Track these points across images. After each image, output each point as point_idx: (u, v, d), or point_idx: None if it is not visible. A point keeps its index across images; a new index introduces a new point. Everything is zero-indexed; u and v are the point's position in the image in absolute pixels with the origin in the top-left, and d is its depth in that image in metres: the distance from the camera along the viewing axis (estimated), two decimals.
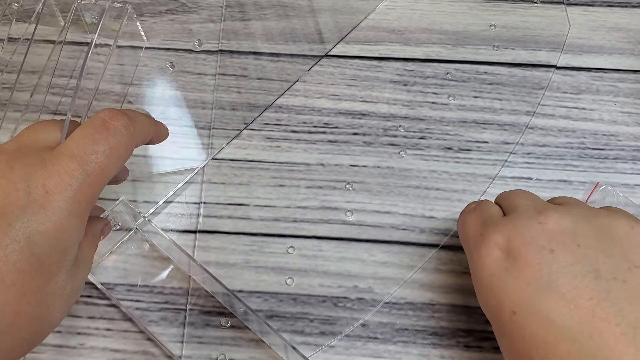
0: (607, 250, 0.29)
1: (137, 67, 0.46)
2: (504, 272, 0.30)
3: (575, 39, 0.47)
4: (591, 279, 0.28)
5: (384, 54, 0.47)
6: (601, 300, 0.27)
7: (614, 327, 0.26)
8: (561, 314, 0.27)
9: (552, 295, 0.28)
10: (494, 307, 0.30)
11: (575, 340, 0.27)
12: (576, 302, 0.27)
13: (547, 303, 0.28)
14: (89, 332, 0.37)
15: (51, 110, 0.44)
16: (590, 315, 0.27)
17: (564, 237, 0.29)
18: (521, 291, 0.29)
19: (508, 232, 0.30)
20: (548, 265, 0.29)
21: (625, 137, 0.43)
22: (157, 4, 0.49)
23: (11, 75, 0.44)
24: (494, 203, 0.35)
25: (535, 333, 0.28)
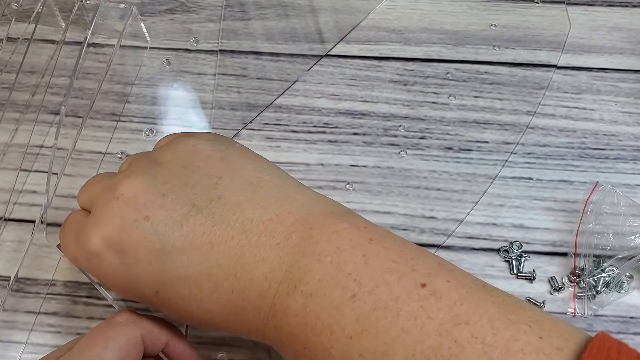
0: (189, 180, 0.29)
1: (139, 67, 0.46)
2: (122, 267, 0.29)
3: (576, 39, 0.47)
4: (194, 215, 0.28)
5: (384, 53, 0.47)
6: (211, 227, 0.28)
7: (230, 242, 0.28)
8: (189, 266, 0.28)
9: (174, 256, 0.28)
10: (141, 298, 0.30)
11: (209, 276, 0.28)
12: (194, 245, 0.28)
13: (174, 266, 0.28)
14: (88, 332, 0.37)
15: (51, 110, 0.44)
16: (210, 247, 0.28)
17: (146, 196, 0.29)
18: (148, 271, 0.28)
19: (100, 230, 0.29)
20: (153, 233, 0.28)
21: (626, 137, 0.43)
22: (157, 4, 0.49)
23: (10, 75, 0.44)
24: (78, 209, 0.33)
25: (181, 296, 0.28)
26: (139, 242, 0.28)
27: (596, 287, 0.37)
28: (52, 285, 0.38)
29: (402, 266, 0.26)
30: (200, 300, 0.28)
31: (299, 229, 0.28)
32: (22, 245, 0.39)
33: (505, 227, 0.40)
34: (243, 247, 0.28)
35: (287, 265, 0.27)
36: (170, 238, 0.28)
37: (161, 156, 0.31)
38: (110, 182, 0.30)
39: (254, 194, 0.29)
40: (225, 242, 0.28)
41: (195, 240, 0.28)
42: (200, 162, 0.30)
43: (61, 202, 0.40)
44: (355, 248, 0.27)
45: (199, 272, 0.28)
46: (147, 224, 0.28)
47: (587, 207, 0.39)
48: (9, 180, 0.41)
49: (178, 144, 0.31)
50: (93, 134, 0.43)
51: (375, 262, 0.27)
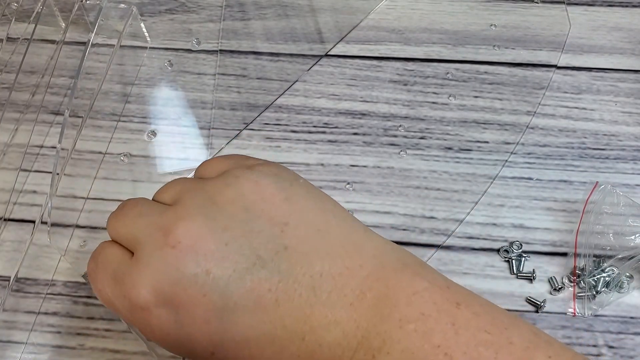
0: (253, 227, 0.26)
1: (139, 67, 0.46)
2: (176, 324, 0.25)
3: (576, 39, 0.47)
4: (259, 270, 0.25)
5: (384, 53, 0.47)
6: (278, 284, 0.25)
7: (297, 300, 0.25)
8: (252, 326, 0.25)
9: (236, 316, 0.25)
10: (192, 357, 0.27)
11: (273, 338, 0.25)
12: (259, 303, 0.25)
13: (236, 326, 0.25)
14: (88, 332, 0.37)
15: (51, 110, 0.44)
16: (276, 305, 0.25)
17: (206, 246, 0.25)
18: (206, 332, 0.25)
19: (150, 281, 0.25)
20: (214, 291, 0.25)
21: (626, 137, 0.43)
22: (157, 4, 0.49)
23: (10, 75, 0.44)
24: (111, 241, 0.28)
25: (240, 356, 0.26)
26: (198, 299, 0.25)
27: (596, 287, 0.37)
28: (52, 285, 0.38)
29: (496, 338, 0.23)
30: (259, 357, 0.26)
31: (373, 286, 0.25)
32: (22, 245, 0.39)
33: (505, 227, 0.40)
34: (312, 306, 0.25)
35: (363, 330, 0.24)
36: (234, 295, 0.25)
37: (219, 194, 0.27)
38: (160, 220, 0.26)
39: (322, 242, 0.26)
40: (292, 300, 0.25)
41: (260, 297, 0.25)
42: (264, 204, 0.26)
43: (61, 202, 0.40)
44: (442, 314, 0.24)
45: (261, 333, 0.25)
46: (207, 278, 0.25)
47: (587, 207, 0.39)
48: (9, 180, 0.41)
49: (239, 180, 0.27)
50: (93, 134, 0.43)
51: (467, 332, 0.23)
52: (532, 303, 0.38)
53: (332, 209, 0.28)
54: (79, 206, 0.40)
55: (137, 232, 0.27)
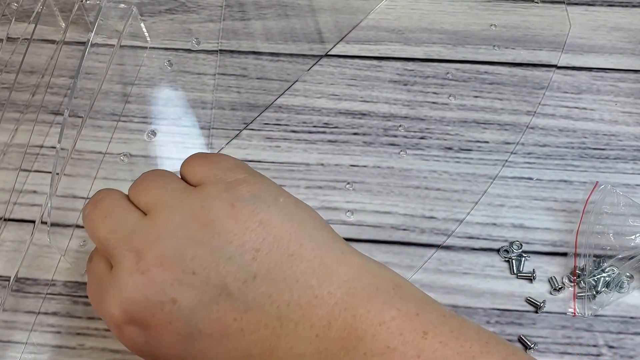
0: (223, 255, 0.26)
1: (139, 67, 0.46)
2: (146, 344, 0.26)
3: (576, 39, 0.47)
4: (224, 300, 0.25)
5: (384, 53, 0.47)
6: (243, 314, 0.25)
7: (263, 330, 0.25)
8: (219, 355, 0.25)
9: (201, 344, 0.25)
10: None
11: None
12: (224, 332, 0.25)
13: (202, 354, 0.26)
14: (88, 332, 0.37)
15: (51, 111, 0.44)
16: (241, 335, 0.25)
17: (174, 274, 0.25)
18: (173, 354, 0.26)
19: (121, 301, 0.26)
20: (179, 319, 0.25)
21: (626, 137, 0.43)
22: (157, 4, 0.49)
23: (10, 75, 0.44)
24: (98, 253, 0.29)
25: None
26: (164, 325, 0.26)
27: (596, 287, 0.37)
28: (52, 285, 0.38)
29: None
30: None
31: (340, 316, 0.25)
32: (22, 245, 0.39)
33: (505, 227, 0.40)
34: (278, 337, 0.25)
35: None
36: (199, 324, 0.25)
37: (193, 216, 0.27)
38: (133, 240, 0.26)
39: (293, 269, 0.26)
40: (258, 331, 0.25)
41: (225, 327, 0.25)
42: (237, 229, 0.26)
43: (61, 202, 0.40)
44: (407, 346, 0.24)
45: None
46: (173, 307, 0.25)
47: (587, 207, 0.39)
48: (9, 180, 0.41)
49: (215, 202, 0.27)
50: (93, 134, 0.43)
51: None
52: (532, 303, 0.38)
53: (310, 232, 0.27)
54: (79, 206, 0.40)
55: (112, 247, 0.27)
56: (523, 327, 0.37)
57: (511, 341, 0.37)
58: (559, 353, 0.36)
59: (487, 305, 0.38)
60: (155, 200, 0.28)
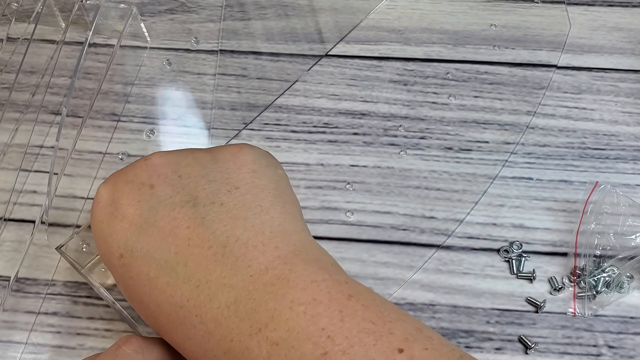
0: (209, 176, 0.29)
1: (139, 67, 0.46)
2: (110, 216, 0.29)
3: (576, 39, 0.47)
4: (189, 207, 0.28)
5: (384, 53, 0.47)
6: (197, 227, 0.28)
7: (206, 250, 0.27)
8: (160, 248, 0.28)
9: (152, 231, 0.28)
10: (106, 255, 0.30)
11: (173, 269, 0.27)
12: (174, 232, 0.28)
13: (148, 240, 0.28)
14: (88, 332, 0.37)
15: (51, 110, 0.44)
16: (187, 243, 0.27)
17: (165, 169, 0.30)
18: (125, 232, 0.29)
19: (114, 179, 0.30)
20: (147, 201, 0.29)
21: (626, 137, 0.43)
22: (157, 4, 0.49)
23: (10, 75, 0.44)
24: None
25: (140, 272, 0.28)
26: (131, 202, 0.29)
27: (596, 287, 0.37)
28: (52, 286, 0.38)
29: (379, 328, 0.25)
30: (153, 288, 0.28)
31: (277, 267, 0.27)
32: (22, 245, 0.39)
33: (506, 227, 0.40)
34: (216, 262, 0.27)
35: (254, 302, 0.26)
36: (158, 214, 0.28)
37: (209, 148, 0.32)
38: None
39: (256, 217, 0.28)
40: (201, 247, 0.27)
41: (176, 229, 0.28)
42: (231, 165, 0.30)
43: (61, 202, 0.40)
44: (333, 302, 0.25)
45: (164, 260, 0.27)
46: (148, 191, 0.29)
47: (587, 207, 0.39)
48: (9, 180, 0.41)
49: (231, 144, 0.32)
50: (93, 134, 0.43)
51: (352, 319, 0.25)
52: (532, 303, 0.38)
53: (286, 204, 0.30)
54: (78, 206, 0.40)
55: None
56: (523, 327, 0.37)
57: (511, 341, 0.37)
58: (559, 353, 0.36)
59: (487, 305, 0.38)
60: None
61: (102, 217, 0.30)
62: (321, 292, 0.26)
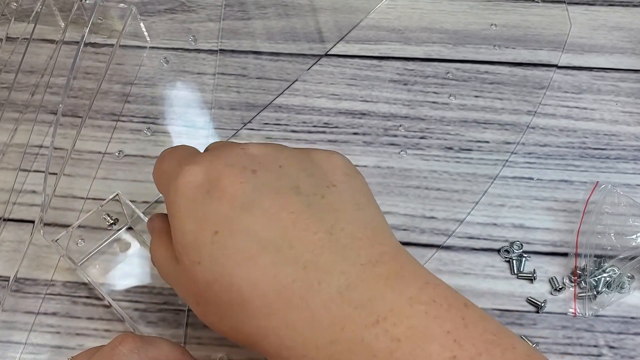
0: (308, 170, 0.29)
1: (139, 67, 0.46)
2: (205, 195, 0.28)
3: (577, 38, 0.47)
4: (293, 194, 0.28)
5: (384, 53, 0.46)
6: (301, 212, 0.27)
7: (312, 234, 0.26)
8: (264, 227, 0.27)
9: (255, 211, 0.27)
10: (192, 232, 0.28)
11: (278, 249, 0.26)
12: (278, 215, 0.27)
13: (251, 218, 0.27)
14: (87, 332, 0.37)
15: (50, 110, 0.44)
16: (292, 225, 0.27)
17: (266, 158, 0.29)
18: (225, 210, 0.27)
19: (209, 160, 0.29)
20: (251, 183, 0.28)
21: (627, 137, 0.43)
22: (157, 4, 0.49)
23: (9, 75, 0.44)
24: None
25: (239, 249, 0.27)
26: (234, 182, 0.28)
27: (597, 287, 0.37)
28: (51, 286, 0.38)
29: (502, 340, 0.24)
30: (253, 265, 0.26)
31: (388, 262, 0.26)
32: (21, 245, 0.39)
33: (506, 227, 0.40)
34: (323, 247, 0.26)
35: (370, 292, 0.25)
36: (261, 197, 0.27)
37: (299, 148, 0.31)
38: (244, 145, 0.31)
39: (354, 212, 0.28)
40: (307, 231, 0.26)
41: (281, 211, 0.27)
42: (327, 166, 0.30)
43: (61, 202, 0.40)
44: (452, 308, 0.25)
45: (268, 239, 0.26)
46: (251, 175, 0.28)
47: (587, 207, 0.39)
48: (8, 180, 0.41)
49: (319, 149, 0.32)
50: (92, 133, 0.43)
51: (475, 328, 0.24)
52: (532, 303, 0.38)
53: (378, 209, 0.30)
54: (78, 206, 0.40)
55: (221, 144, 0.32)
56: (524, 328, 0.37)
57: None
58: (560, 353, 0.36)
59: (488, 306, 0.38)
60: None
61: (196, 196, 0.28)
62: (439, 296, 0.25)
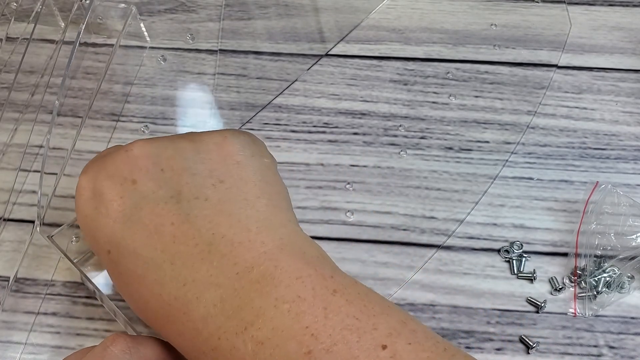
0: (193, 169, 0.29)
1: (139, 67, 0.46)
2: (94, 211, 0.29)
3: (577, 38, 0.47)
4: (173, 203, 0.28)
5: (385, 53, 0.46)
6: (181, 224, 0.27)
7: (192, 248, 0.27)
8: (146, 245, 0.27)
9: (136, 228, 0.28)
10: (95, 249, 0.30)
11: (159, 268, 0.27)
12: (159, 230, 0.27)
13: (133, 237, 0.28)
14: (88, 333, 0.37)
15: (50, 110, 0.44)
16: (172, 240, 0.27)
17: (147, 162, 0.29)
18: (110, 229, 0.28)
19: (95, 171, 0.30)
20: (130, 198, 0.28)
21: (627, 137, 0.43)
22: (157, 4, 0.49)
23: (9, 75, 0.44)
24: None
25: (127, 269, 0.28)
26: (114, 198, 0.28)
27: (597, 287, 0.37)
28: (51, 286, 0.38)
29: (363, 323, 0.25)
30: (142, 284, 0.28)
31: (263, 264, 0.27)
32: (21, 246, 0.39)
33: (506, 227, 0.40)
34: (202, 260, 0.27)
35: (240, 301, 0.26)
36: (142, 211, 0.28)
37: (192, 133, 0.31)
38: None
39: (241, 210, 0.28)
40: (186, 245, 0.27)
41: (161, 226, 0.27)
42: (215, 157, 0.30)
43: (61, 202, 0.40)
44: (317, 299, 0.26)
45: (150, 258, 0.27)
46: (130, 187, 0.28)
47: (587, 207, 0.39)
48: (8, 180, 0.41)
49: (212, 131, 0.31)
50: (92, 133, 0.43)
51: (336, 316, 0.25)
52: (532, 303, 0.38)
53: (273, 195, 0.30)
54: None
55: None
56: (524, 328, 0.37)
57: (512, 341, 0.37)
58: (560, 353, 0.36)
59: (488, 306, 0.38)
60: None
61: (87, 210, 0.29)
62: (305, 289, 0.26)
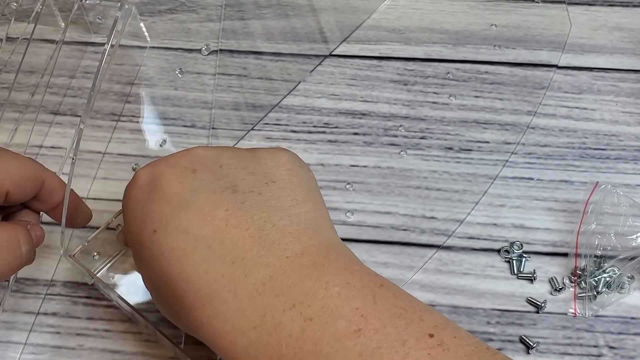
0: (249, 169, 0.31)
1: (139, 67, 0.46)
2: (147, 196, 0.30)
3: (577, 39, 0.47)
4: (228, 193, 0.29)
5: (385, 53, 0.46)
6: (235, 210, 0.29)
7: (243, 231, 0.28)
8: (198, 226, 0.28)
9: (191, 210, 0.29)
10: (136, 232, 0.30)
11: (209, 247, 0.28)
12: (212, 213, 0.29)
13: (186, 217, 0.29)
14: (87, 333, 0.37)
15: (50, 110, 0.44)
16: (224, 224, 0.28)
17: (207, 159, 0.31)
18: (163, 210, 0.29)
19: (155, 163, 0.31)
20: (189, 183, 0.30)
21: (627, 137, 0.43)
22: (157, 3, 0.49)
23: (10, 75, 0.44)
24: None
25: (174, 247, 0.28)
26: (173, 182, 0.30)
27: (597, 287, 0.37)
28: (51, 286, 0.38)
29: (410, 314, 0.26)
30: (187, 262, 0.28)
31: (312, 254, 0.28)
32: None
33: (506, 227, 0.40)
34: (254, 242, 0.28)
35: (290, 281, 0.27)
36: (198, 196, 0.29)
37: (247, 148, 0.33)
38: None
39: (291, 208, 0.30)
40: (239, 228, 0.28)
41: (215, 210, 0.29)
42: (269, 162, 0.31)
43: None
44: (365, 288, 0.27)
45: (201, 237, 0.28)
46: (190, 174, 0.30)
47: (587, 207, 0.39)
48: None
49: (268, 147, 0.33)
50: (92, 133, 0.43)
51: (384, 304, 0.26)
52: (532, 303, 0.38)
53: (317, 203, 0.31)
54: None
55: None
56: (524, 328, 0.37)
57: (512, 342, 0.37)
58: (560, 354, 0.36)
59: (488, 306, 0.38)
60: None
61: (139, 197, 0.30)
62: (354, 278, 0.27)
